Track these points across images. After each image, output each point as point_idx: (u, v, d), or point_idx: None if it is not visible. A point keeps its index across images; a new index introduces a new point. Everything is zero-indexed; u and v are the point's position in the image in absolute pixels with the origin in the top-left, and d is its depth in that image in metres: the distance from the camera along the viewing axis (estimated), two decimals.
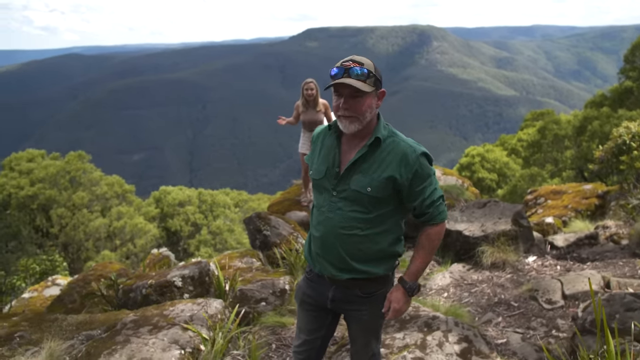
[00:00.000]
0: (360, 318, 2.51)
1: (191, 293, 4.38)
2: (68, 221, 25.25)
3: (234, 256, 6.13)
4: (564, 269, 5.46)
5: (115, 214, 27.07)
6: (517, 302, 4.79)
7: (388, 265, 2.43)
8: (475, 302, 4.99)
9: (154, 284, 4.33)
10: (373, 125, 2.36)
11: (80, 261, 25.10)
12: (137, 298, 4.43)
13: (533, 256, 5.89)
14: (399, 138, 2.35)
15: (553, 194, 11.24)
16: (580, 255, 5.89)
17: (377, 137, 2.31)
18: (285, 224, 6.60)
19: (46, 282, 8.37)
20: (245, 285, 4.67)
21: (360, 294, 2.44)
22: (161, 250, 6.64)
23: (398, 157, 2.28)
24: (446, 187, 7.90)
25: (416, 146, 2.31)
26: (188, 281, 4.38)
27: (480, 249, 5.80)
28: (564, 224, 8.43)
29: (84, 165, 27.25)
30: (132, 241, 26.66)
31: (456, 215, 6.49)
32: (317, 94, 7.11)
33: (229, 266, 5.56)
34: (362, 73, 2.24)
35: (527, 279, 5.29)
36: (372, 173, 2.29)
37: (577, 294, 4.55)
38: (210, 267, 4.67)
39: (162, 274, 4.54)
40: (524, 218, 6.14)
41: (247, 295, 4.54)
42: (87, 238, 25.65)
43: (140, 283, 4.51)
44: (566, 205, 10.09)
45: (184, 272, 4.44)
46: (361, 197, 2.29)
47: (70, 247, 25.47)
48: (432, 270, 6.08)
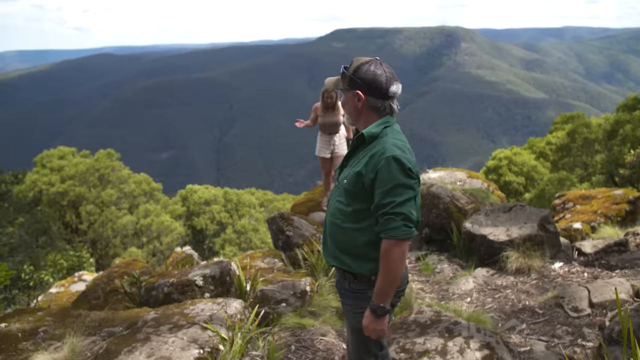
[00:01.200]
0: (348, 315, 2.56)
1: (212, 292, 4.39)
2: (97, 218, 25.70)
3: (256, 256, 6.14)
4: (591, 276, 5.32)
5: (143, 211, 27.44)
6: (542, 309, 4.68)
7: (366, 267, 2.40)
8: (499, 308, 4.89)
9: (175, 283, 4.35)
10: (369, 123, 2.44)
11: (107, 257, 25.53)
12: (158, 296, 4.46)
13: (559, 262, 5.75)
14: (385, 138, 2.35)
15: (582, 199, 10.97)
16: (608, 263, 5.73)
17: (362, 133, 2.39)
18: (308, 225, 6.58)
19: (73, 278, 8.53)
20: (266, 285, 4.66)
21: (348, 288, 2.48)
22: (184, 248, 6.69)
23: (370, 154, 2.32)
24: (471, 191, 7.78)
25: (390, 148, 2.28)
26: (209, 280, 4.40)
27: (505, 254, 5.68)
28: (592, 230, 8.23)
29: (113, 163, 27.70)
30: (159, 239, 26.99)
31: (481, 219, 6.38)
32: (337, 99, 7.08)
33: (251, 266, 5.57)
34: (341, 72, 2.46)
35: (552, 286, 5.17)
36: (352, 167, 2.40)
37: (605, 303, 4.42)
38: (232, 267, 4.68)
39: (184, 272, 4.56)
40: (550, 223, 6.00)
41: (267, 296, 4.53)
42: (115, 235, 26.07)
43: (162, 281, 4.54)
44: (595, 211, 9.84)
45: (205, 271, 4.45)
46: (342, 189, 2.42)
47: (98, 243, 25.92)
48: (456, 274, 6.00)
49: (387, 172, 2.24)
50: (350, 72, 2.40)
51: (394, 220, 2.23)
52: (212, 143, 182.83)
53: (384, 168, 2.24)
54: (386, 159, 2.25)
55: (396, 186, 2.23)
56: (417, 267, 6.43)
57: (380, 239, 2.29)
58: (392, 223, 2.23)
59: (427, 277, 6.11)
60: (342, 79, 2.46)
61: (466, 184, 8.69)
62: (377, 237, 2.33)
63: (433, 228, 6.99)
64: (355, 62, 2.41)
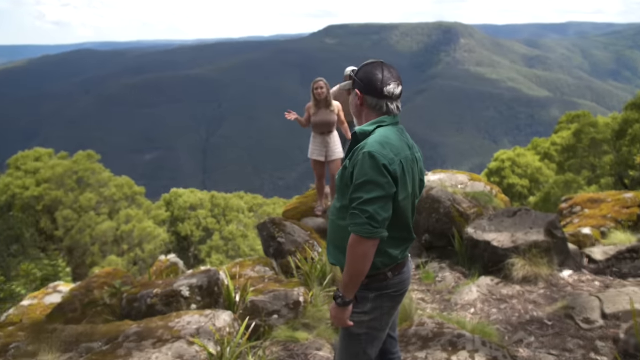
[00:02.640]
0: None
1: (199, 304, 4.32)
2: (74, 224, 25.50)
3: (245, 264, 6.08)
4: (603, 285, 5.29)
5: (124, 217, 27.28)
6: (551, 321, 4.64)
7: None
8: (505, 319, 4.85)
9: (159, 294, 4.28)
10: (366, 122, 2.59)
11: (85, 266, 25.32)
12: (141, 308, 4.39)
13: (568, 270, 5.72)
14: (373, 136, 2.47)
15: (590, 202, 10.98)
16: (621, 271, 5.70)
17: (355, 131, 2.55)
18: (301, 231, 6.53)
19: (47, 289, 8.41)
20: (257, 296, 4.60)
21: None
22: (169, 256, 6.61)
23: (356, 149, 2.48)
24: (473, 194, 7.75)
25: (371, 144, 2.40)
26: (196, 291, 4.33)
27: (510, 262, 5.65)
28: (602, 235, 8.21)
29: (93, 166, 27.54)
30: (141, 246, 26.83)
31: (484, 225, 6.35)
32: (329, 93, 7.01)
33: (240, 275, 5.50)
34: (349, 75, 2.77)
35: (562, 296, 5.13)
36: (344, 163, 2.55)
37: (619, 314, 4.38)
38: (220, 276, 4.62)
39: (169, 282, 4.49)
40: (558, 228, 5.97)
41: (258, 307, 4.47)
42: (93, 242, 25.88)
43: (145, 292, 4.47)
44: (605, 215, 9.83)
45: (192, 281, 4.38)
46: (336, 185, 2.57)
47: (75, 251, 25.71)
48: (458, 283, 5.95)
49: (360, 167, 2.37)
50: (354, 72, 2.63)
51: (359, 217, 2.33)
52: (198, 144, 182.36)
53: (359, 163, 2.37)
54: (363, 154, 2.37)
55: (366, 182, 2.34)
56: (417, 275, 6.38)
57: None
58: (357, 219, 2.34)
59: (427, 286, 6.06)
60: (349, 81, 2.73)
61: (468, 187, 8.66)
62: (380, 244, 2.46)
63: (433, 234, 6.94)
64: (364, 63, 2.64)
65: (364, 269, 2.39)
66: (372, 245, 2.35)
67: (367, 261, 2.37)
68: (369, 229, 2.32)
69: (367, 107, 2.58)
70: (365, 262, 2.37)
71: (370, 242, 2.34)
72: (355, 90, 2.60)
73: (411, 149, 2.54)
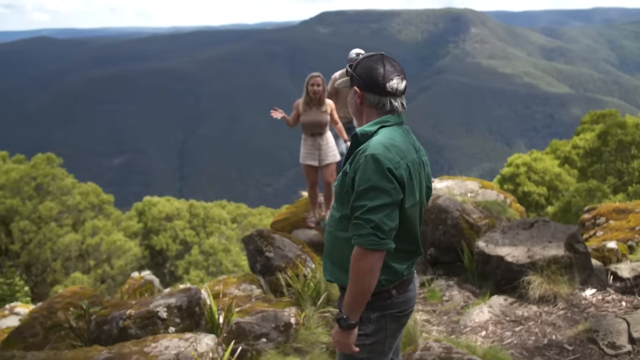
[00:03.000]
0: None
1: (178, 326, 4.37)
2: (32, 237, 25.40)
3: (230, 282, 6.14)
4: (630, 305, 5.38)
5: (90, 228, 27.20)
6: (572, 345, 4.72)
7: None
8: (520, 343, 4.93)
9: (133, 315, 4.32)
10: (367, 122, 2.63)
11: (45, 285, 25.20)
12: (112, 331, 4.43)
13: (591, 289, 5.81)
14: (376, 137, 2.51)
15: (616, 213, 11.09)
16: None
17: (355, 132, 2.58)
18: (292, 244, 6.60)
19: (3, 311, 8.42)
20: (243, 317, 4.65)
21: (341, 305, 2.59)
22: (143, 273, 6.66)
23: (356, 152, 2.50)
24: (485, 204, 7.84)
25: (374, 145, 2.43)
26: (175, 312, 4.38)
27: (526, 279, 5.73)
28: (630, 250, 8.31)
29: (54, 170, 27.46)
30: (109, 261, 26.76)
31: (497, 238, 6.43)
32: (324, 91, 7.03)
33: (224, 294, 5.55)
34: (346, 70, 2.70)
35: (584, 317, 5.22)
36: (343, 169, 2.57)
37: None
38: (202, 295, 4.67)
39: (144, 302, 4.54)
40: (580, 242, 6.06)
41: (244, 330, 4.52)
42: (55, 257, 25.77)
43: (117, 313, 4.51)
44: (633, 227, 9.95)
45: (170, 300, 4.43)
46: (334, 193, 2.61)
47: (33, 267, 25.59)
48: (468, 303, 6.03)
49: (362, 172, 2.39)
50: (352, 67, 2.64)
51: (363, 227, 2.36)
52: (174, 146, 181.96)
53: (361, 167, 2.39)
54: (365, 157, 2.39)
55: (370, 189, 2.36)
56: (422, 294, 6.46)
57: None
58: (360, 229, 2.36)
59: (433, 306, 6.14)
60: (347, 75, 2.68)
61: (479, 196, 8.75)
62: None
63: (440, 248, 7.02)
64: (361, 55, 2.72)
65: (370, 286, 2.40)
66: (378, 258, 2.37)
67: (373, 277, 2.39)
68: (374, 240, 2.33)
69: (368, 106, 2.59)
70: (371, 278, 2.38)
71: (377, 254, 2.36)
72: (354, 88, 2.61)
73: (418, 152, 2.57)
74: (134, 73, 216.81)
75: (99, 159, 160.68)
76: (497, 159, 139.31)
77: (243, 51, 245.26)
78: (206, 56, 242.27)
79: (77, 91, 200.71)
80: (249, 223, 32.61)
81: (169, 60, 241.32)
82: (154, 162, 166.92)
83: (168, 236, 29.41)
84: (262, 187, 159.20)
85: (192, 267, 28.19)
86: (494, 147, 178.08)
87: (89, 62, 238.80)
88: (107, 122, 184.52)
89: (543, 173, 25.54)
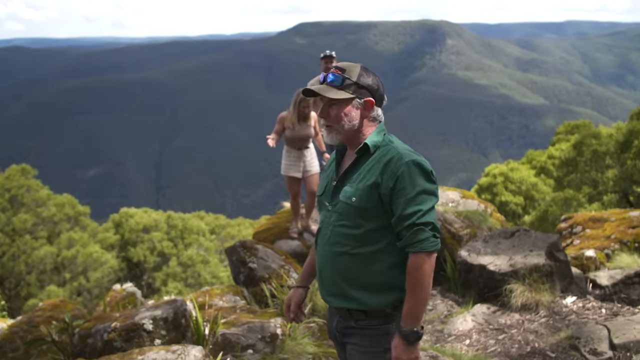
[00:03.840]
0: (353, 355, 2.59)
1: (164, 338, 4.34)
2: (6, 249, 25.01)
3: (213, 293, 6.11)
4: (610, 312, 5.47)
5: (66, 241, 26.86)
6: (555, 352, 4.79)
7: (386, 298, 2.48)
8: (504, 351, 4.99)
9: (118, 327, 4.29)
10: (367, 134, 2.57)
11: (19, 299, 24.78)
12: (96, 344, 4.38)
13: (572, 296, 5.90)
14: (394, 145, 2.51)
15: (592, 221, 11.26)
16: (629, 297, 5.90)
17: (365, 143, 2.50)
18: (275, 255, 6.60)
19: None
20: (229, 328, 4.63)
21: (354, 325, 2.54)
22: (125, 285, 6.60)
23: (384, 162, 2.44)
24: (466, 213, 7.93)
25: (408, 152, 2.44)
26: (160, 324, 4.35)
27: (509, 287, 5.80)
28: (607, 258, 8.46)
29: (28, 182, 27.10)
30: (85, 274, 26.42)
31: (479, 247, 6.50)
32: (311, 108, 7.16)
33: (209, 305, 5.52)
34: (335, 79, 2.50)
35: (565, 324, 5.30)
36: (359, 182, 2.46)
37: (629, 344, 4.55)
38: (188, 307, 4.64)
39: (129, 315, 4.50)
40: (560, 251, 6.16)
41: (230, 341, 4.50)
42: (29, 270, 25.38)
43: (101, 326, 4.47)
44: (608, 236, 10.11)
45: (156, 312, 4.40)
46: (348, 209, 2.47)
47: (7, 281, 25.16)
48: (451, 312, 6.08)
49: (409, 179, 2.37)
50: (355, 77, 2.52)
51: (424, 231, 2.36)
52: (150, 157, 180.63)
53: (405, 174, 2.37)
54: (406, 163, 2.39)
55: (420, 193, 2.37)
56: None
57: (404, 258, 2.42)
58: (422, 234, 2.35)
59: None
60: (339, 87, 2.50)
61: (460, 205, 8.85)
62: (400, 257, 2.44)
63: None
64: (349, 67, 2.55)
65: (430, 290, 2.40)
66: (434, 258, 2.39)
67: (431, 278, 2.40)
68: (434, 242, 2.36)
69: (370, 117, 2.57)
70: (431, 280, 2.39)
71: (434, 255, 2.38)
72: (365, 99, 2.51)
73: None
74: (110, 83, 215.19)
75: (75, 170, 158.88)
76: (473, 169, 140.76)
77: (220, 62, 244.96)
78: (183, 67, 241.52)
79: (52, 101, 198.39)
80: (227, 234, 32.46)
81: (145, 71, 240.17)
82: (131, 173, 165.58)
83: (146, 248, 29.15)
84: (240, 199, 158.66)
85: (170, 279, 27.95)
86: (471, 158, 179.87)
87: (64, 72, 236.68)
88: (82, 133, 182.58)
89: (520, 183, 25.83)
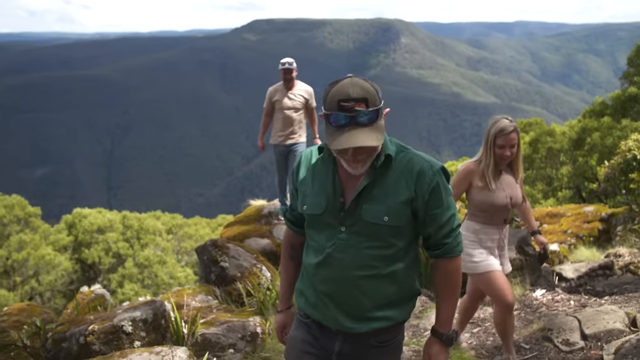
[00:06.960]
0: None
1: (143, 340, 4.28)
2: None
3: (185, 293, 6.05)
4: (578, 304, 5.65)
5: (16, 243, 26.19)
6: (529, 344, 4.92)
7: (411, 308, 2.45)
8: (479, 344, 5.09)
9: (97, 330, 4.21)
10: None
11: None
12: (72, 349, 4.29)
13: (541, 289, 6.07)
14: (411, 152, 2.39)
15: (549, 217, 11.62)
16: (594, 288, 6.11)
17: (387, 154, 2.32)
18: (246, 254, 6.60)
19: None
20: (208, 328, 4.61)
21: (375, 343, 2.39)
22: (93, 287, 6.48)
23: (414, 174, 2.29)
24: None
25: (432, 160, 2.35)
26: (140, 325, 4.29)
27: None
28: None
29: None
30: (37, 277, 25.79)
31: None
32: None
33: (182, 305, 5.48)
34: (370, 117, 2.22)
35: (537, 317, 5.45)
36: (387, 199, 2.28)
37: (599, 334, 4.70)
38: (167, 308, 4.60)
39: (106, 317, 4.42)
40: (529, 245, 6.33)
41: (210, 341, 4.49)
42: None
43: (76, 329, 4.37)
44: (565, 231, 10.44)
45: (135, 314, 4.34)
46: (378, 230, 2.27)
47: None
48: (425, 307, 6.17)
49: (443, 188, 2.31)
50: (380, 100, 2.26)
51: (459, 235, 2.39)
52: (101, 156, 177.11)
53: (440, 184, 2.31)
54: (438, 172, 2.32)
55: (450, 200, 2.35)
56: None
57: (420, 264, 2.45)
58: (459, 237, 2.38)
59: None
60: (376, 120, 2.26)
61: None
62: (419, 264, 2.45)
63: None
64: (367, 92, 2.21)
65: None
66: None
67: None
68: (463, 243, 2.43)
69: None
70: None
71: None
72: (385, 109, 2.32)
73: None
74: (58, 80, 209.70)
75: (21, 171, 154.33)
76: None
77: (173, 59, 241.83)
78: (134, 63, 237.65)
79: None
80: (185, 234, 32.11)
81: (94, 67, 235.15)
82: (81, 173, 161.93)
83: (100, 249, 28.57)
84: (194, 198, 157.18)
85: (126, 280, 27.47)
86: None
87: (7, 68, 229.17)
88: (28, 132, 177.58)
89: None
